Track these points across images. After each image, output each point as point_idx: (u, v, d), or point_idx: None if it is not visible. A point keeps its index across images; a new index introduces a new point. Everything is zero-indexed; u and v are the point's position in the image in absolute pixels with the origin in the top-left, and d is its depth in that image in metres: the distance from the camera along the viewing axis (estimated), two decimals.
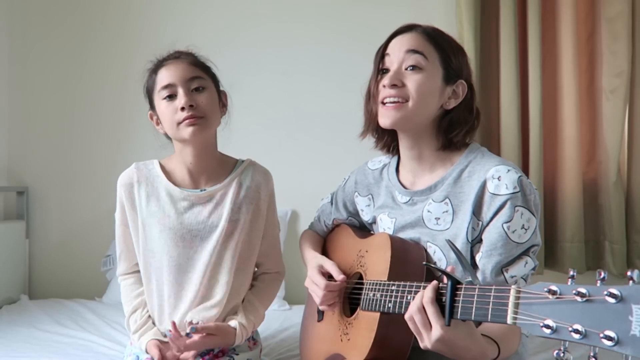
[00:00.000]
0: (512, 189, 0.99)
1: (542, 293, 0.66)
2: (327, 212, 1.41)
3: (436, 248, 1.07)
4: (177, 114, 1.23)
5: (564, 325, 0.63)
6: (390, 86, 1.07)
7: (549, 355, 1.56)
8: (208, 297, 1.28)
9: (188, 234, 1.27)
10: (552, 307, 0.65)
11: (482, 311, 0.76)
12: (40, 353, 1.53)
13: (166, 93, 1.24)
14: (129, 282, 1.37)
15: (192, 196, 1.30)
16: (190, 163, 1.31)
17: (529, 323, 0.67)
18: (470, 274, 0.83)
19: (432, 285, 0.84)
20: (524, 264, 1.00)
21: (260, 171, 1.38)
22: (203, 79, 1.27)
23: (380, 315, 1.00)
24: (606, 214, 2.14)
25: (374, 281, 1.06)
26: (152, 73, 1.29)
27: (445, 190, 1.08)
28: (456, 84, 1.11)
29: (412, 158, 1.15)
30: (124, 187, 1.32)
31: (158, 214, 1.28)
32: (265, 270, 1.42)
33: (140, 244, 1.31)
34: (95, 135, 2.38)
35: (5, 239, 2.19)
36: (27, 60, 2.39)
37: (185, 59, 1.28)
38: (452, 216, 1.06)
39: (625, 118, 2.12)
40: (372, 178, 1.28)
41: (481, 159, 1.07)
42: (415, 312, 0.84)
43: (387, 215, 1.19)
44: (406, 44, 1.09)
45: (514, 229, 0.98)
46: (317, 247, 1.38)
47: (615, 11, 2.08)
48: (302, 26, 2.36)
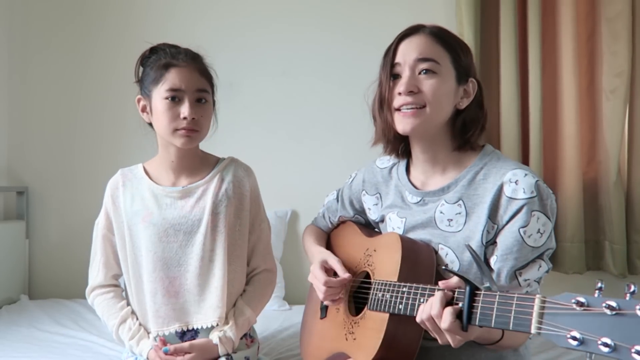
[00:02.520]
0: (530, 194, 0.98)
1: (569, 304, 0.66)
2: (333, 209, 1.40)
3: (448, 250, 1.06)
4: (176, 120, 1.26)
5: (592, 338, 0.62)
6: (407, 93, 1.06)
7: (549, 355, 1.56)
8: (206, 293, 1.29)
9: (171, 228, 1.30)
10: (579, 319, 0.64)
11: (503, 319, 0.75)
12: (40, 353, 1.53)
13: (171, 95, 1.25)
14: (109, 297, 1.37)
15: (174, 192, 1.33)
16: (172, 161, 1.35)
17: (554, 334, 0.66)
18: (488, 280, 0.82)
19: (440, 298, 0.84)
20: (537, 268, 1.00)
21: (242, 167, 1.40)
22: (207, 92, 1.31)
23: (389, 316, 1.00)
24: (606, 214, 2.13)
25: (383, 281, 1.05)
26: (161, 67, 1.27)
27: (459, 192, 1.07)
28: (467, 83, 1.10)
29: (426, 161, 1.14)
30: (110, 191, 1.38)
31: (142, 212, 1.32)
32: (255, 267, 1.41)
33: (127, 245, 1.33)
34: (95, 135, 2.38)
35: (5, 239, 2.19)
36: (27, 60, 2.38)
37: (197, 65, 1.30)
38: (465, 218, 1.06)
39: (625, 118, 2.12)
40: (380, 177, 1.27)
41: (497, 162, 1.07)
42: (427, 320, 0.86)
43: (396, 215, 1.18)
44: (416, 49, 1.07)
45: (530, 233, 0.98)
46: (321, 242, 1.38)
47: (615, 11, 2.08)
48: (302, 26, 2.36)
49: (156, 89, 1.27)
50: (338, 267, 1.17)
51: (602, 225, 2.16)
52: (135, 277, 1.33)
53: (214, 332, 1.28)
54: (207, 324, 1.28)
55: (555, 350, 1.58)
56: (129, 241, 1.33)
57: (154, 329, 1.29)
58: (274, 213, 2.22)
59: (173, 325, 1.29)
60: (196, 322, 1.29)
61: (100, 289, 1.39)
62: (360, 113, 1.19)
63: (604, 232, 2.16)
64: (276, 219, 2.22)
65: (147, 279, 1.30)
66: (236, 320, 1.30)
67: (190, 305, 1.29)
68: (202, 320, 1.29)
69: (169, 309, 1.29)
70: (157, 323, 1.29)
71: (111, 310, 1.35)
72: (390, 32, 1.16)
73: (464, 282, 0.82)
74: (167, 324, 1.29)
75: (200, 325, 1.29)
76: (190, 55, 1.32)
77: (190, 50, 1.33)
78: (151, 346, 1.26)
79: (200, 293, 1.29)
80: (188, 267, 1.29)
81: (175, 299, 1.29)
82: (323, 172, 2.26)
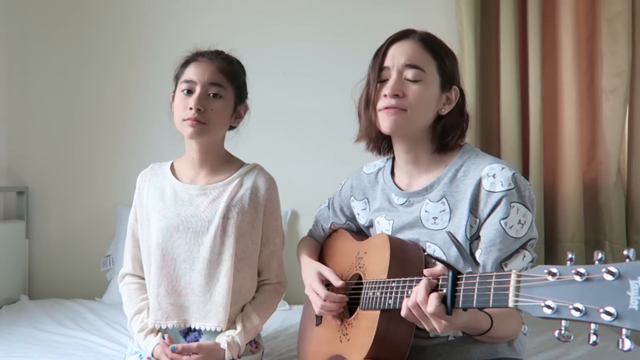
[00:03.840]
0: (507, 186, 1.01)
1: (542, 275, 0.68)
2: (325, 216, 1.43)
3: (435, 247, 1.09)
4: (185, 110, 1.29)
5: (564, 304, 0.64)
6: (392, 96, 1.09)
7: (549, 355, 1.56)
8: (208, 296, 1.29)
9: (182, 225, 1.31)
10: (552, 288, 0.67)
11: (483, 297, 0.77)
12: (40, 353, 1.53)
13: (185, 87, 1.30)
14: (134, 288, 1.39)
15: (192, 189, 1.35)
16: (194, 157, 1.37)
17: (530, 304, 0.68)
18: (470, 264, 0.85)
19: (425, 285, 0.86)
20: (522, 258, 1.02)
21: (264, 176, 1.40)
22: (223, 87, 1.32)
23: (380, 312, 1.01)
24: (606, 214, 2.14)
25: (373, 280, 1.07)
26: (185, 62, 1.35)
27: (442, 190, 1.10)
28: (450, 90, 1.14)
29: (408, 162, 1.17)
30: (138, 183, 1.43)
31: (159, 205, 1.34)
32: (265, 279, 1.42)
33: (144, 237, 1.36)
34: (95, 135, 2.38)
35: (5, 239, 2.19)
36: (27, 60, 2.38)
37: (216, 62, 1.33)
38: (450, 215, 1.08)
39: (625, 118, 2.12)
40: (367, 182, 1.30)
41: (475, 158, 1.11)
42: (412, 307, 0.87)
43: (384, 218, 1.20)
44: (405, 55, 1.11)
45: (511, 224, 1.01)
46: (313, 253, 1.40)
47: (615, 11, 2.08)
48: (302, 27, 2.36)
49: (178, 84, 1.34)
50: (331, 277, 1.19)
51: (602, 225, 2.17)
52: (147, 268, 1.35)
53: (221, 336, 1.28)
54: (207, 327, 1.28)
55: (556, 351, 1.58)
56: (146, 234, 1.35)
57: (152, 320, 1.30)
58: None
59: (171, 321, 1.29)
60: (195, 322, 1.29)
61: (129, 277, 1.42)
62: None
63: (604, 232, 2.16)
64: None
65: (154, 271, 1.32)
66: (244, 326, 1.31)
67: (190, 305, 1.30)
68: (200, 322, 1.29)
69: (169, 304, 1.29)
70: (156, 315, 1.30)
71: (131, 301, 1.37)
72: (390, 33, 1.16)
73: (447, 268, 0.85)
74: (165, 319, 1.29)
75: (200, 327, 1.29)
76: (215, 53, 1.35)
77: (218, 51, 1.37)
78: (158, 341, 1.26)
79: (203, 295, 1.29)
80: (194, 266, 1.30)
81: (178, 296, 1.30)
82: (323, 172, 2.27)
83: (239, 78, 1.38)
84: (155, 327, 1.30)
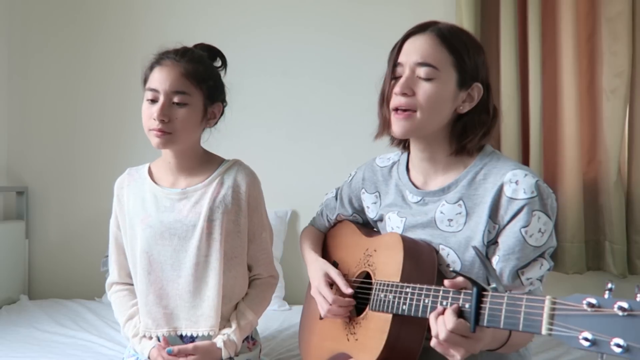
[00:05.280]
0: (530, 194, 0.98)
1: (580, 305, 0.66)
2: (332, 206, 1.39)
3: (450, 250, 1.07)
4: (150, 120, 1.25)
5: (604, 339, 0.63)
6: (401, 94, 1.05)
7: (550, 355, 1.56)
8: (197, 301, 1.28)
9: (167, 231, 1.29)
10: (590, 320, 0.65)
11: (512, 320, 0.75)
12: (40, 353, 1.53)
13: (150, 96, 1.26)
14: (123, 294, 1.38)
15: (172, 194, 1.32)
16: (170, 162, 1.34)
17: (566, 335, 0.67)
18: (495, 281, 0.82)
19: (452, 314, 0.83)
20: (539, 266, 1.01)
21: (245, 172, 1.36)
22: (187, 94, 1.25)
23: (392, 316, 1.00)
24: (606, 214, 2.13)
25: (385, 282, 1.05)
26: (150, 65, 1.29)
27: (460, 192, 1.07)
28: (471, 87, 1.08)
29: (424, 160, 1.14)
30: (116, 190, 1.39)
31: (141, 213, 1.31)
32: (256, 274, 1.40)
33: (129, 244, 1.34)
34: (95, 135, 2.38)
35: (5, 239, 2.19)
36: (27, 60, 2.38)
37: (181, 65, 1.26)
38: (465, 218, 1.06)
39: (625, 118, 2.12)
40: (380, 175, 1.26)
41: (497, 162, 1.07)
42: (441, 343, 0.84)
43: (396, 214, 1.17)
44: (418, 51, 1.06)
45: (531, 233, 0.99)
46: (317, 245, 1.37)
47: (615, 11, 2.08)
48: (302, 27, 2.36)
49: (145, 89, 1.28)
50: (339, 281, 1.16)
51: (602, 225, 2.16)
52: (134, 276, 1.33)
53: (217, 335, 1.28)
54: (198, 332, 1.27)
55: (556, 350, 1.58)
56: (130, 241, 1.33)
57: (143, 328, 1.29)
58: (274, 213, 2.21)
59: (162, 329, 1.28)
60: (185, 328, 1.28)
61: (116, 285, 1.41)
62: (360, 113, 1.19)
63: (604, 232, 2.16)
64: (276, 219, 2.22)
65: (140, 279, 1.30)
66: (239, 323, 1.30)
67: (180, 311, 1.28)
68: (191, 328, 1.28)
69: (159, 311, 1.28)
70: (146, 324, 1.29)
71: (122, 307, 1.36)
72: (390, 33, 1.15)
73: (471, 283, 0.82)
74: (155, 327, 1.28)
75: (191, 333, 1.28)
76: (180, 53, 1.28)
77: (184, 49, 1.30)
78: (153, 344, 1.26)
79: (192, 300, 1.28)
80: (181, 272, 1.28)
81: (167, 303, 1.28)
82: (323, 172, 2.26)
83: (209, 78, 1.30)
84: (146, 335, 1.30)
